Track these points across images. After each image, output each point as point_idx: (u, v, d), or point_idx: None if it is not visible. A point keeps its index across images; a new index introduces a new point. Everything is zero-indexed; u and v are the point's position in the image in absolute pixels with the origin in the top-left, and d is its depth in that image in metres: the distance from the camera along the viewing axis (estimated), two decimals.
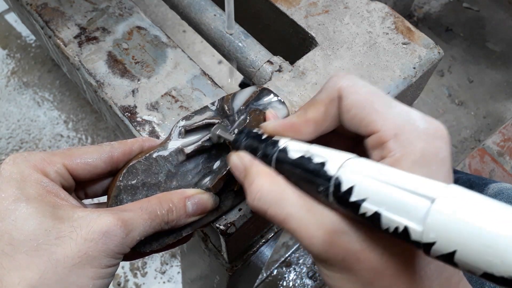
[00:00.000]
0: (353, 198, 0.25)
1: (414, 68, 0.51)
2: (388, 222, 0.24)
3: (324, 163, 0.28)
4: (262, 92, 0.42)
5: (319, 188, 0.27)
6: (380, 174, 0.25)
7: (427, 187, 0.23)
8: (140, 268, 1.20)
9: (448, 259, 0.21)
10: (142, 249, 0.36)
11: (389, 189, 0.24)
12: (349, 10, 0.55)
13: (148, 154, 0.38)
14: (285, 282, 1.20)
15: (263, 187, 0.30)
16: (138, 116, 0.47)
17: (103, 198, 0.38)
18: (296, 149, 0.30)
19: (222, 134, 0.38)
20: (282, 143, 0.32)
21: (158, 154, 0.38)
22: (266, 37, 0.60)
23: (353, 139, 0.35)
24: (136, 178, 0.37)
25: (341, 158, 0.27)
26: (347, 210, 0.26)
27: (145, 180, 0.37)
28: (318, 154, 0.29)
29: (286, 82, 0.49)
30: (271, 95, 0.42)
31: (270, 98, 0.42)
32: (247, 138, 0.35)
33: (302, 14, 0.55)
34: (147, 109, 0.48)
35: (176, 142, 0.39)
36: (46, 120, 1.39)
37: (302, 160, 0.29)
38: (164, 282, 1.18)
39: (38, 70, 1.47)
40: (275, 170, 0.31)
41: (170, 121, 0.47)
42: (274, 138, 0.33)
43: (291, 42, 0.58)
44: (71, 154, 0.35)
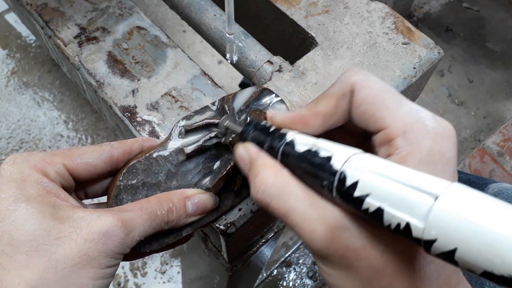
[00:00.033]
0: (357, 193, 0.25)
1: (414, 68, 0.51)
2: (390, 218, 0.24)
3: (330, 157, 0.28)
4: (262, 92, 0.42)
5: (324, 182, 0.27)
6: (384, 170, 0.25)
7: (431, 184, 0.23)
8: (140, 268, 1.20)
9: (448, 257, 0.21)
10: (142, 249, 0.36)
11: (392, 185, 0.24)
12: (349, 10, 0.55)
13: (148, 154, 0.38)
14: (285, 282, 1.20)
15: (268, 180, 0.30)
16: (138, 116, 0.47)
17: (103, 198, 0.38)
18: (303, 142, 0.30)
19: (230, 125, 0.38)
20: (289, 136, 0.32)
21: (158, 154, 0.38)
22: (266, 37, 0.60)
23: (358, 137, 0.35)
24: (136, 178, 0.37)
25: (347, 153, 0.27)
26: (350, 205, 0.26)
27: (145, 180, 0.37)
28: (325, 148, 0.29)
29: (286, 82, 0.49)
30: (272, 95, 0.42)
31: (271, 98, 0.42)
32: (255, 130, 0.34)
33: (302, 14, 0.55)
34: (147, 109, 0.48)
35: (176, 142, 0.39)
36: (46, 120, 1.39)
37: (308, 153, 0.29)
38: (164, 282, 1.18)
39: (38, 70, 1.47)
40: (281, 163, 0.31)
41: (170, 121, 0.47)
42: (282, 130, 0.33)
43: (291, 42, 0.58)
44: (71, 154, 0.35)
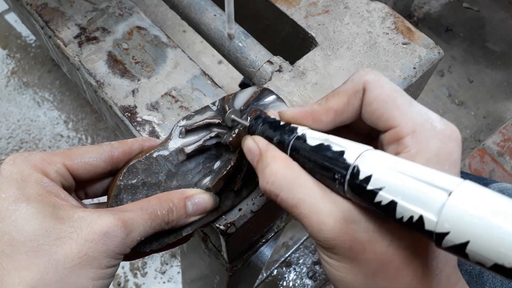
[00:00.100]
0: (370, 187, 0.26)
1: (414, 68, 0.51)
2: (403, 211, 0.25)
3: (342, 152, 0.28)
4: (263, 92, 0.42)
5: (336, 175, 0.28)
6: (398, 165, 0.26)
7: (444, 180, 0.24)
8: (140, 268, 1.20)
9: (459, 250, 0.22)
10: (142, 249, 0.36)
11: (406, 179, 0.25)
12: (349, 10, 0.55)
13: (148, 154, 0.38)
14: (285, 282, 1.20)
15: (278, 171, 0.31)
16: (138, 116, 0.47)
17: (103, 198, 0.38)
18: (314, 137, 0.31)
19: (237, 118, 0.38)
20: (300, 131, 0.32)
21: (159, 154, 0.38)
22: (266, 37, 0.60)
23: (363, 136, 0.35)
24: (136, 178, 0.37)
25: (359, 149, 0.28)
26: (362, 198, 0.27)
27: (145, 179, 0.37)
28: (337, 143, 0.29)
29: (286, 82, 0.49)
30: (272, 95, 0.42)
31: (271, 98, 0.42)
32: (264, 123, 0.35)
33: (302, 14, 0.55)
34: (147, 109, 0.48)
35: (176, 142, 0.39)
36: (46, 120, 1.39)
37: (320, 147, 0.30)
38: (164, 282, 1.18)
39: (38, 70, 1.47)
40: (290, 156, 0.32)
41: (170, 121, 0.47)
42: (292, 125, 0.33)
43: (291, 42, 0.58)
44: (72, 154, 0.35)
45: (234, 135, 0.37)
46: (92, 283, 0.30)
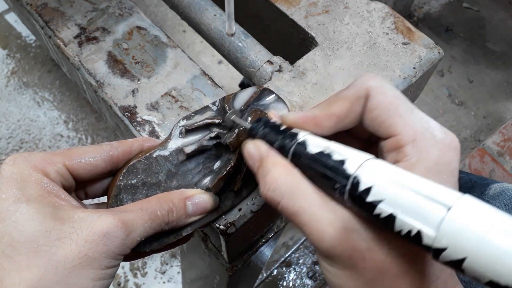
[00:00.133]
0: (370, 198, 0.26)
1: (414, 68, 0.51)
2: (402, 225, 0.25)
3: (343, 161, 0.28)
4: (263, 92, 0.42)
5: (336, 185, 0.28)
6: (398, 177, 0.26)
7: (444, 195, 0.24)
8: (140, 268, 1.20)
9: (456, 265, 0.22)
10: (142, 249, 0.36)
11: (406, 193, 0.25)
12: (349, 10, 0.55)
13: (148, 154, 0.38)
14: (285, 282, 1.20)
15: (279, 178, 0.30)
16: (138, 116, 0.47)
17: (103, 198, 0.38)
18: (315, 143, 0.31)
19: (237, 120, 0.38)
20: (301, 136, 0.32)
21: (159, 154, 0.38)
22: (266, 37, 0.60)
23: (364, 141, 0.35)
24: (136, 178, 0.37)
25: (360, 158, 0.28)
26: (362, 209, 0.27)
27: (145, 179, 0.37)
28: (338, 151, 0.29)
29: (286, 82, 0.49)
30: (272, 95, 0.42)
31: (271, 98, 0.42)
32: (265, 127, 0.34)
33: (302, 14, 0.55)
34: (147, 109, 0.48)
35: (176, 142, 0.39)
36: (46, 120, 1.39)
37: (321, 155, 0.30)
38: (164, 282, 1.18)
39: (38, 70, 1.47)
40: (291, 162, 0.32)
41: (170, 121, 0.47)
42: (293, 130, 0.33)
43: (291, 42, 0.58)
44: (72, 154, 0.35)
45: (234, 136, 0.37)
46: (92, 284, 0.30)
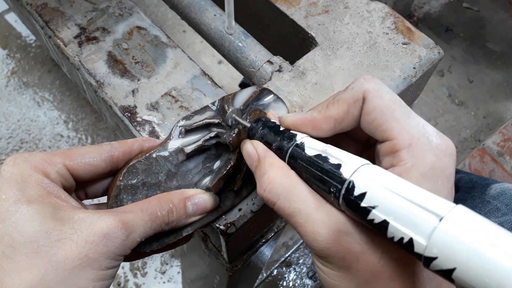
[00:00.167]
0: (363, 204, 0.26)
1: (414, 68, 0.51)
2: (394, 232, 0.25)
3: (339, 165, 0.28)
4: (262, 92, 0.42)
5: (331, 188, 0.28)
6: (392, 184, 0.26)
7: (436, 204, 0.24)
8: (140, 268, 1.20)
9: (446, 274, 0.23)
10: (142, 249, 0.36)
11: (400, 200, 0.25)
12: (349, 10, 0.55)
13: (148, 154, 0.38)
14: (285, 282, 1.20)
15: (275, 180, 0.31)
16: (138, 116, 0.47)
17: (103, 199, 0.38)
18: (313, 146, 0.31)
19: (238, 118, 0.38)
20: (299, 138, 0.32)
21: (158, 154, 0.38)
22: (266, 37, 0.60)
23: (361, 142, 0.36)
24: (136, 178, 0.37)
25: (356, 163, 0.28)
26: (356, 214, 0.27)
27: (145, 179, 0.37)
28: (334, 155, 0.29)
29: (286, 82, 0.49)
30: (271, 95, 0.42)
31: (271, 98, 0.42)
32: (264, 127, 0.35)
33: (302, 14, 0.55)
34: (147, 109, 0.48)
35: (176, 142, 0.39)
36: (46, 120, 1.39)
37: (318, 158, 0.30)
38: (164, 282, 1.18)
39: (38, 70, 1.47)
40: (288, 163, 0.32)
41: (170, 121, 0.47)
42: (291, 131, 0.33)
43: (291, 42, 0.58)
44: (72, 154, 0.35)
45: (234, 135, 0.37)
46: (92, 284, 0.30)
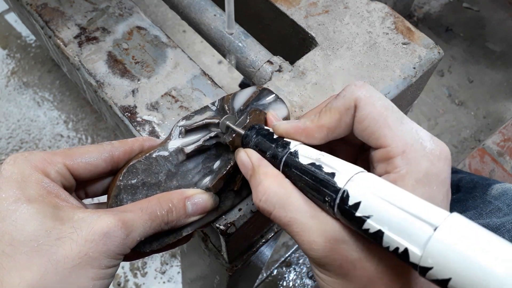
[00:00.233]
0: (358, 214, 0.26)
1: (414, 68, 0.51)
2: (389, 241, 0.25)
3: (333, 174, 0.28)
4: (262, 92, 0.42)
5: (326, 198, 0.28)
6: (386, 193, 0.26)
7: (431, 214, 0.24)
8: (140, 268, 1.20)
9: (441, 284, 0.23)
10: (142, 249, 0.36)
11: (394, 210, 0.25)
12: (349, 10, 0.55)
13: (148, 154, 0.38)
14: (285, 282, 1.20)
15: (270, 189, 0.31)
16: (138, 116, 0.47)
17: (103, 198, 0.38)
18: (306, 155, 0.31)
19: (232, 126, 0.38)
20: (292, 146, 0.32)
21: (158, 154, 0.38)
22: (266, 37, 0.60)
23: (358, 147, 0.36)
24: (136, 178, 0.37)
25: (350, 171, 0.28)
26: (351, 223, 0.27)
27: (145, 179, 0.37)
28: (328, 163, 0.29)
29: (286, 82, 0.49)
30: (272, 95, 0.42)
31: (271, 98, 0.42)
32: (258, 135, 0.35)
33: (302, 14, 0.55)
34: (147, 109, 0.48)
35: (176, 142, 0.39)
36: (46, 120, 1.39)
37: (312, 167, 0.30)
38: (164, 282, 1.18)
39: (38, 70, 1.47)
40: (282, 172, 0.32)
41: (170, 121, 0.47)
42: (285, 139, 0.33)
43: (291, 42, 0.58)
44: (72, 153, 0.35)
45: (234, 135, 0.37)
46: (92, 283, 0.30)
